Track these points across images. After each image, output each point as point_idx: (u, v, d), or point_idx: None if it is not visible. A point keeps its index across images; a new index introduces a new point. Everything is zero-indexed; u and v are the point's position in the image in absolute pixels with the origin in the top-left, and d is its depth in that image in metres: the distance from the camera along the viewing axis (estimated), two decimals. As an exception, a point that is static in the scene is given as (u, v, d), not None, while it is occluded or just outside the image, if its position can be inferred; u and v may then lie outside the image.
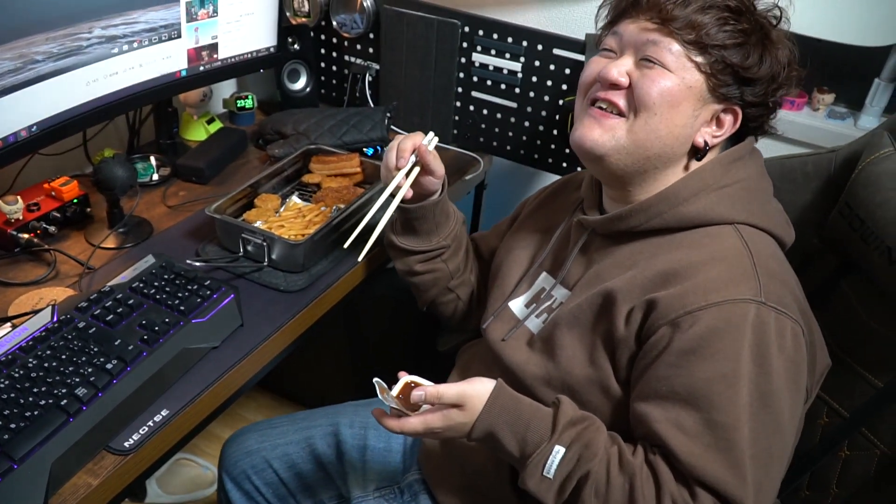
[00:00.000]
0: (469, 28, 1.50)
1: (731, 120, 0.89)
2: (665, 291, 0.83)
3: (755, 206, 0.90)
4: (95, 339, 0.96)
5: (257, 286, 1.13)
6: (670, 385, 0.80)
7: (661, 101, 0.85)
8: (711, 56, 0.85)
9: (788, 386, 0.81)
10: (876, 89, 1.45)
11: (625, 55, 0.89)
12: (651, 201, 0.89)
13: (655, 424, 0.80)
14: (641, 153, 0.88)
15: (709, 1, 0.86)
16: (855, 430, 1.00)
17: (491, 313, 1.05)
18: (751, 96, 0.88)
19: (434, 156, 1.04)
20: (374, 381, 0.85)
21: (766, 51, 0.87)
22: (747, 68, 0.86)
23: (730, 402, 0.78)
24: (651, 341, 0.83)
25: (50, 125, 1.13)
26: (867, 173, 1.00)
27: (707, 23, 0.85)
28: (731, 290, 0.81)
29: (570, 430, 0.82)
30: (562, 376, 0.91)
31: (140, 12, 1.20)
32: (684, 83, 0.85)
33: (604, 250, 0.94)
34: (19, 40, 1.01)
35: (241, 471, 1.17)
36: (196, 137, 1.57)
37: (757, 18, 0.88)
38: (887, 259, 0.95)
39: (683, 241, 0.88)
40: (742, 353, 0.78)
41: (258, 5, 1.43)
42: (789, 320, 0.82)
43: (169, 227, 1.27)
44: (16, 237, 1.13)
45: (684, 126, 0.87)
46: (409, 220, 1.08)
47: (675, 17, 0.85)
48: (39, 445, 0.82)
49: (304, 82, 1.68)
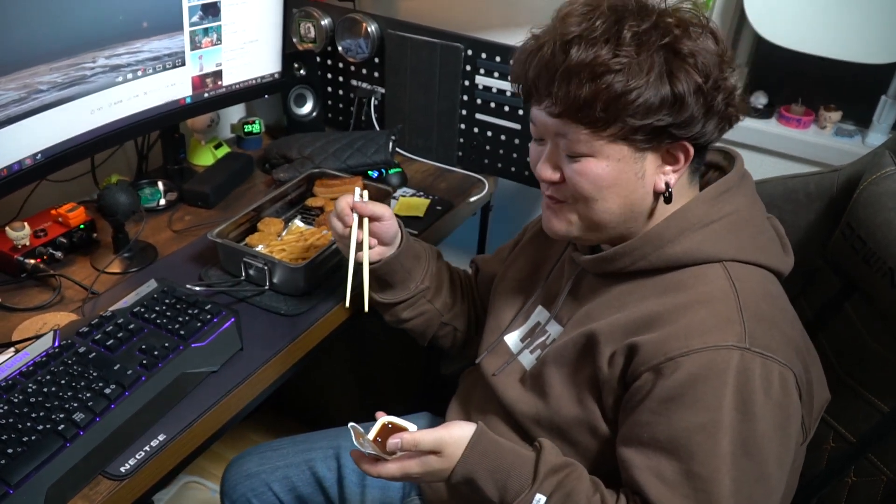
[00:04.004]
0: (472, 51, 1.51)
1: (682, 153, 0.83)
2: (647, 336, 0.81)
3: (745, 240, 0.86)
4: (95, 363, 0.97)
5: (259, 310, 1.14)
6: (652, 432, 0.79)
7: (597, 189, 0.83)
8: (618, 123, 0.79)
9: (775, 433, 0.78)
10: (883, 106, 1.44)
11: (548, 143, 0.86)
12: (635, 244, 0.86)
13: (636, 471, 0.79)
14: (606, 226, 0.86)
15: (587, 63, 0.77)
16: (861, 456, 0.97)
17: (486, 347, 1.04)
18: (685, 122, 0.80)
19: (372, 203, 1.03)
20: (349, 426, 0.85)
21: (676, 70, 0.78)
22: (659, 108, 0.78)
23: (709, 453, 0.76)
24: (635, 386, 0.81)
25: (55, 153, 1.15)
26: (868, 193, 0.99)
27: (594, 93, 0.77)
28: (714, 336, 0.78)
29: (551, 478, 0.81)
30: (551, 416, 0.90)
31: (144, 42, 1.22)
32: (611, 160, 0.81)
33: (595, 289, 0.92)
34: (23, 70, 1.04)
35: (241, 494, 1.17)
36: (203, 162, 1.60)
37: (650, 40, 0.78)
38: (889, 281, 0.93)
39: (670, 282, 0.85)
40: (723, 401, 0.76)
41: (262, 33, 1.46)
42: (776, 364, 0.79)
43: (174, 252, 1.28)
44: (22, 263, 1.15)
45: (633, 190, 0.83)
46: (380, 276, 1.07)
47: (565, 100, 0.79)
48: (36, 470, 0.83)
49: (310, 107, 1.70)
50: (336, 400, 1.79)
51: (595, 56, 0.77)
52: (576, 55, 0.78)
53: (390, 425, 0.87)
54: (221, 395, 0.98)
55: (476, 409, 1.04)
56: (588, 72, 0.77)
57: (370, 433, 0.86)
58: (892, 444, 0.94)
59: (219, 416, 0.98)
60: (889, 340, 0.96)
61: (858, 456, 0.98)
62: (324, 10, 1.64)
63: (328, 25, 1.65)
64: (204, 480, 1.79)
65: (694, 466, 0.76)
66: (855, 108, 1.51)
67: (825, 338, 1.05)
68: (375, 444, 0.85)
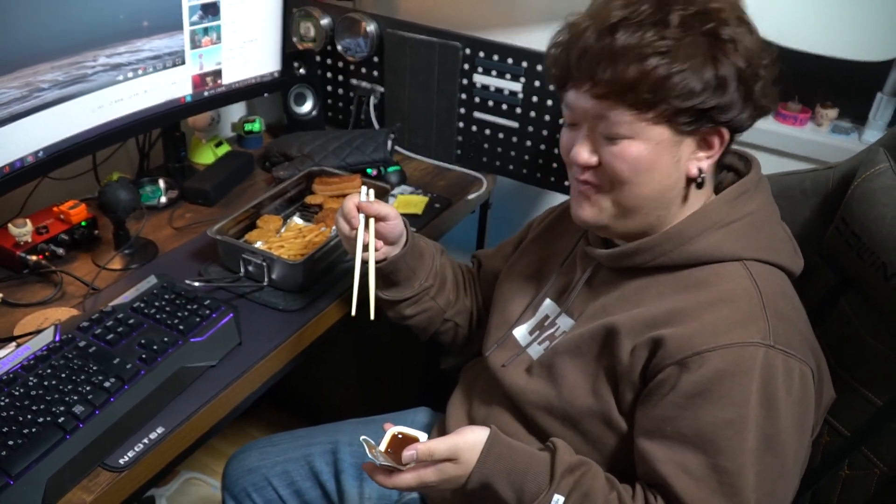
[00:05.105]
0: (470, 50, 1.52)
1: (717, 139, 0.85)
2: (672, 329, 0.81)
3: (763, 240, 0.88)
4: (95, 357, 0.98)
5: (257, 306, 1.15)
6: (676, 426, 0.80)
7: (635, 172, 0.83)
8: (662, 105, 0.80)
9: (795, 429, 0.80)
10: (879, 104, 1.44)
11: (584, 127, 0.86)
12: (656, 240, 0.87)
13: (659, 464, 0.80)
14: (637, 213, 0.87)
15: (633, 45, 0.78)
16: (856, 450, 0.98)
17: (494, 341, 1.04)
18: (726, 106, 0.81)
19: (378, 203, 1.03)
20: (361, 439, 0.85)
21: (720, 54, 0.79)
22: (703, 91, 0.79)
23: (737, 448, 0.77)
24: (657, 380, 0.82)
25: (56, 150, 1.16)
26: (862, 189, 1.00)
27: (641, 75, 0.78)
28: (741, 333, 0.79)
29: (568, 478, 0.82)
30: (563, 406, 0.90)
31: (144, 41, 1.24)
32: (651, 143, 0.82)
33: (610, 283, 0.92)
34: (25, 69, 1.05)
35: (241, 488, 1.18)
36: (204, 161, 1.61)
37: (694, 24, 0.79)
38: (883, 275, 0.94)
39: (690, 279, 0.86)
40: (750, 397, 0.77)
41: (261, 32, 1.47)
42: (798, 362, 0.80)
43: (174, 249, 1.30)
44: (24, 259, 1.17)
45: (669, 175, 0.84)
46: (385, 275, 1.07)
47: (610, 82, 0.80)
48: (36, 462, 0.84)
49: (310, 105, 1.71)
50: (336, 395, 1.80)
51: (641, 38, 0.78)
52: (622, 38, 0.79)
53: (400, 435, 0.87)
54: (220, 388, 0.99)
55: (480, 401, 1.05)
56: (635, 54, 0.78)
57: (381, 444, 0.86)
58: (885, 437, 0.95)
59: (217, 409, 0.99)
60: (884, 335, 0.97)
61: (853, 450, 0.98)
62: (323, 10, 1.66)
63: (328, 25, 1.66)
64: (205, 476, 1.80)
65: (721, 461, 0.77)
66: (851, 106, 1.51)
67: (821, 333, 1.04)
68: (387, 454, 0.85)
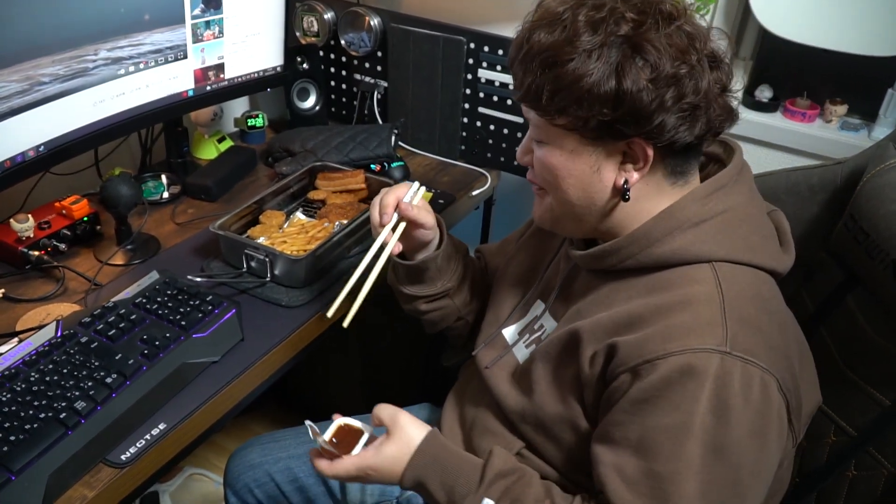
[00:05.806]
0: (474, 45, 1.51)
1: (641, 151, 0.79)
2: (626, 337, 0.79)
3: (737, 240, 0.82)
4: (97, 353, 0.98)
5: (260, 301, 1.15)
6: (623, 432, 0.78)
7: (554, 178, 0.83)
8: (567, 113, 0.77)
9: (752, 438, 0.76)
10: (889, 100, 1.43)
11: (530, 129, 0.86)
12: (622, 242, 0.84)
13: (601, 467, 0.79)
14: (573, 216, 0.86)
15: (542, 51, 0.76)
16: (862, 450, 0.97)
17: (483, 340, 1.03)
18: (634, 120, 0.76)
19: (419, 208, 1.00)
20: (306, 423, 0.86)
21: (628, 65, 0.74)
22: (603, 102, 0.75)
23: (674, 455, 0.75)
24: (613, 386, 0.80)
25: (57, 145, 1.16)
26: (872, 185, 0.98)
27: (543, 82, 0.76)
28: (694, 339, 0.76)
29: (499, 482, 0.82)
30: (535, 412, 0.89)
31: (145, 34, 1.23)
32: (565, 151, 0.81)
33: (588, 285, 0.90)
34: (25, 63, 1.05)
35: (243, 484, 1.18)
36: (207, 156, 1.60)
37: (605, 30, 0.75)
38: (892, 273, 0.92)
39: (658, 282, 0.82)
40: (697, 405, 0.74)
41: (264, 26, 1.46)
42: (758, 370, 0.76)
43: (176, 244, 1.29)
44: (26, 254, 1.16)
45: (590, 184, 0.82)
46: (411, 272, 1.06)
47: (523, 87, 0.79)
48: (37, 457, 0.84)
49: (313, 101, 1.70)
50: (338, 391, 1.80)
51: (550, 44, 0.77)
52: (535, 42, 0.78)
53: (346, 427, 0.89)
54: (222, 384, 0.99)
55: (470, 401, 1.04)
56: (540, 59, 0.77)
57: (326, 434, 0.87)
58: (892, 437, 0.94)
59: (219, 405, 0.98)
60: (891, 333, 0.96)
61: (859, 449, 0.97)
62: (327, 4, 1.64)
63: (331, 19, 1.65)
64: (208, 472, 1.80)
65: (656, 466, 0.75)
66: (861, 102, 1.50)
67: (826, 331, 1.04)
68: (332, 444, 0.87)
